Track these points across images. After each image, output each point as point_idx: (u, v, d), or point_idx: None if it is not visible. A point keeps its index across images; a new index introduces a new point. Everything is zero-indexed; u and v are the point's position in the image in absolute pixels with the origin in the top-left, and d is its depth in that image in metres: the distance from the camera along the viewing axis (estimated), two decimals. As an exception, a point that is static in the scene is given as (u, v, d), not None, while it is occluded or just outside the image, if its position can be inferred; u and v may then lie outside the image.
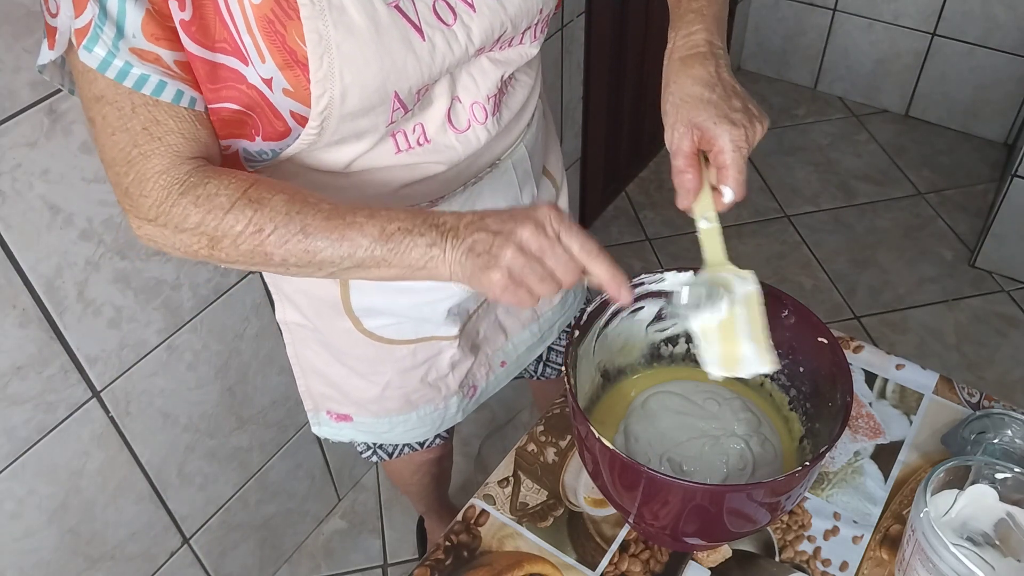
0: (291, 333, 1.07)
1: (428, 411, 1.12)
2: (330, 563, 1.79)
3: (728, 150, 0.75)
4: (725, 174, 0.76)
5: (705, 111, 0.76)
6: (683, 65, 0.79)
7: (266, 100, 0.72)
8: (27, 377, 1.09)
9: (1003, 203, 2.23)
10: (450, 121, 0.84)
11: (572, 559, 0.90)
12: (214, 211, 0.70)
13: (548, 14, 0.86)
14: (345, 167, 0.81)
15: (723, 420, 0.92)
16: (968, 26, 2.63)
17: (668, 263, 2.42)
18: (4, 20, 0.90)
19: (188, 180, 0.70)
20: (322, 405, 1.14)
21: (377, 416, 1.11)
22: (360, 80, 0.71)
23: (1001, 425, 0.95)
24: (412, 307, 0.98)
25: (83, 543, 1.28)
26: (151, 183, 0.70)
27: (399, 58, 0.72)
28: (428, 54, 0.75)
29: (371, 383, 1.06)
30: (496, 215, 0.69)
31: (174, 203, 0.70)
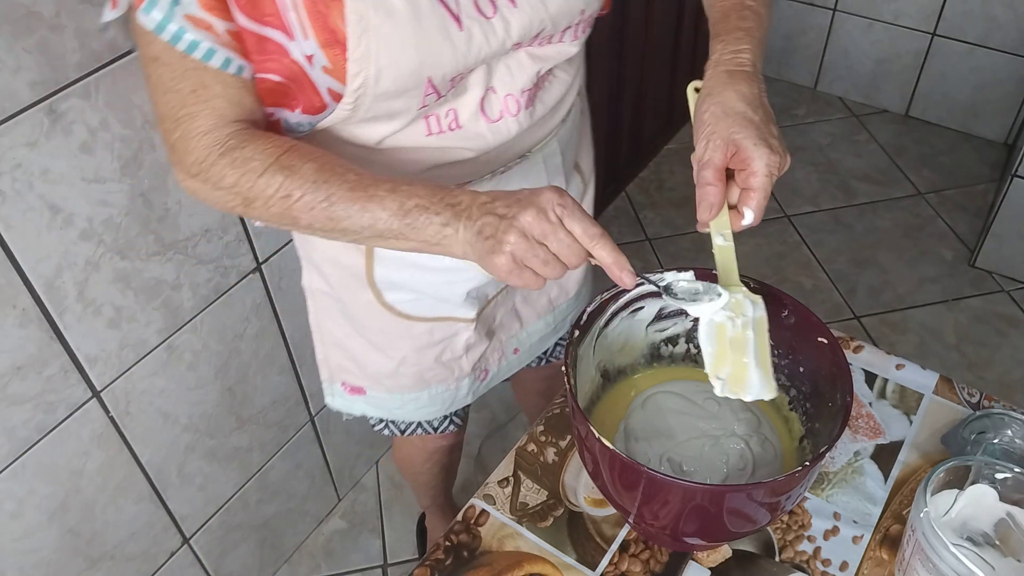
0: (315, 301, 1.09)
1: (440, 391, 1.14)
2: (330, 563, 1.79)
3: (762, 174, 0.75)
4: (750, 196, 0.76)
5: (746, 130, 0.75)
6: (730, 79, 0.79)
7: (306, 75, 0.75)
8: (27, 377, 1.09)
9: (1003, 203, 2.23)
10: (483, 110, 0.85)
11: (572, 559, 0.90)
12: (248, 174, 0.74)
13: (591, 15, 0.86)
14: (377, 143, 0.84)
15: (723, 420, 0.92)
16: (968, 26, 2.63)
17: (668, 263, 2.42)
18: (4, 20, 0.90)
19: (228, 142, 0.74)
20: (337, 376, 1.16)
21: (390, 391, 1.13)
22: (395, 63, 0.74)
23: (1001, 425, 0.95)
24: (432, 285, 0.99)
25: (83, 543, 1.28)
26: (195, 142, 0.75)
27: (435, 45, 0.75)
28: (464, 44, 0.76)
29: (387, 357, 1.08)
30: (505, 198, 0.70)
31: (213, 163, 0.74)
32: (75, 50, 0.98)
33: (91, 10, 0.98)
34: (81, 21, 0.97)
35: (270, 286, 1.42)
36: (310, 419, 1.67)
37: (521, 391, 1.60)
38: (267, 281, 1.41)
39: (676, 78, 2.68)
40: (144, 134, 1.10)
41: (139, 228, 1.15)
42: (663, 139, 2.81)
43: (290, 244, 1.42)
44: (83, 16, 0.97)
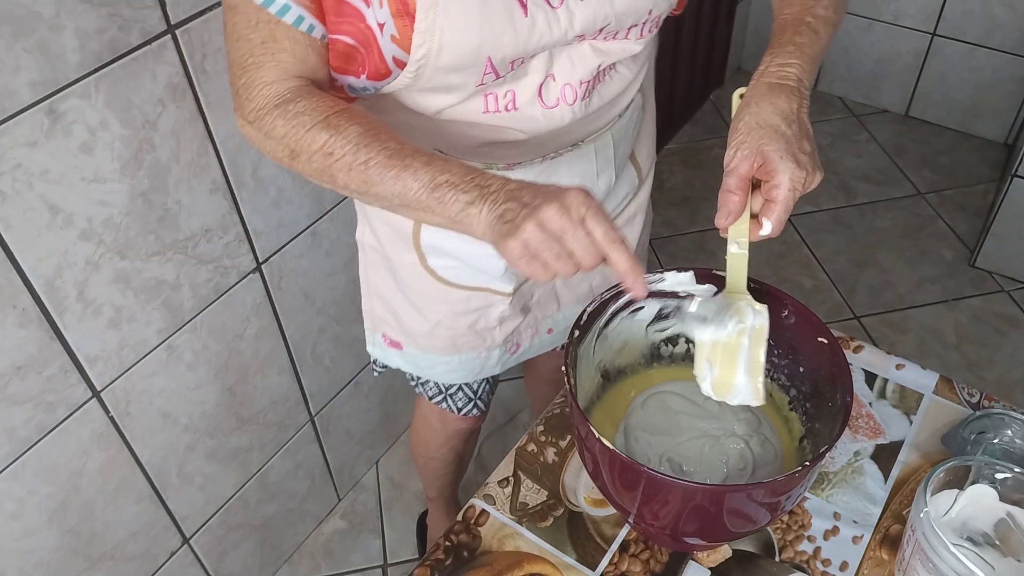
0: (365, 254, 1.14)
1: (470, 357, 1.17)
2: (330, 563, 1.79)
3: (784, 187, 0.76)
4: (772, 208, 0.77)
5: (776, 143, 0.76)
6: (769, 92, 0.80)
7: (375, 41, 0.78)
8: (27, 377, 1.09)
9: (1003, 203, 2.23)
10: (540, 95, 0.88)
11: (572, 559, 0.90)
12: (297, 128, 0.77)
13: (659, 16, 0.88)
14: (435, 113, 0.87)
15: (723, 420, 0.92)
16: (968, 26, 2.63)
17: (668, 263, 2.42)
18: (4, 20, 0.90)
19: (285, 95, 0.78)
20: (379, 327, 1.20)
21: (424, 350, 1.17)
22: (457, 40, 0.77)
23: (1001, 425, 0.95)
24: (474, 256, 1.02)
25: (83, 543, 1.28)
26: (256, 90, 0.78)
27: (497, 28, 0.77)
28: (527, 30, 0.79)
29: (424, 318, 1.11)
30: (533, 189, 0.71)
31: (268, 112, 0.78)
32: (75, 50, 0.98)
33: (91, 10, 0.98)
34: (81, 21, 0.97)
35: (270, 286, 1.42)
36: (310, 419, 1.67)
37: (532, 378, 1.62)
38: (267, 281, 1.41)
39: (676, 79, 2.68)
40: (144, 134, 1.10)
41: (139, 228, 1.15)
42: (663, 139, 2.81)
43: (290, 244, 1.42)
44: (83, 16, 0.97)
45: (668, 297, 0.92)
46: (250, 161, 1.28)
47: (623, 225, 1.15)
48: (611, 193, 1.07)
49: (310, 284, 1.51)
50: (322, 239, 1.49)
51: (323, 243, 1.50)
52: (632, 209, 1.15)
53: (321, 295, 1.55)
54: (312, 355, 1.59)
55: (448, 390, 1.30)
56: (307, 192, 1.41)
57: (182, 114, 1.14)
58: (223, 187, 1.25)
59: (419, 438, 1.50)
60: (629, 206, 1.14)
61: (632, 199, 1.14)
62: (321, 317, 1.57)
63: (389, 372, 1.84)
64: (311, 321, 1.55)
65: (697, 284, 0.90)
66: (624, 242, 0.70)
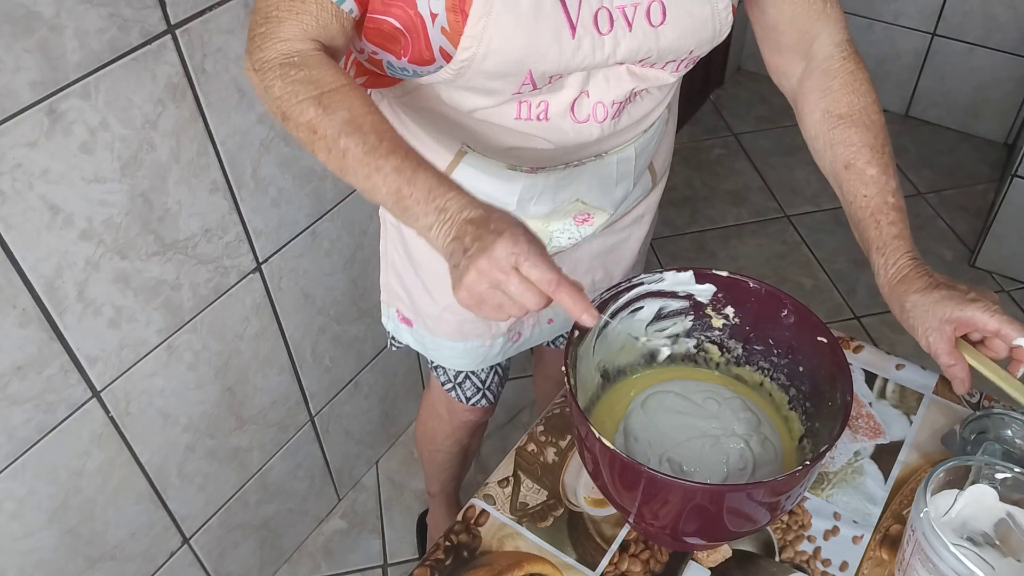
0: (385, 229, 1.17)
1: (475, 345, 1.18)
2: (330, 563, 1.79)
3: (988, 318, 0.81)
4: (1008, 334, 0.82)
5: (946, 307, 0.82)
6: (903, 284, 0.85)
7: (424, 29, 0.79)
8: (27, 377, 1.09)
9: (1003, 203, 2.23)
10: (572, 110, 0.89)
11: (572, 559, 0.90)
12: (291, 95, 0.78)
13: (698, 56, 0.90)
14: (468, 112, 0.90)
15: (723, 420, 0.92)
16: (968, 26, 2.63)
17: (668, 263, 2.41)
18: (4, 20, 0.90)
19: (293, 58, 0.79)
20: (393, 302, 1.22)
21: (431, 333, 1.18)
22: (503, 50, 0.78)
23: (1001, 425, 0.95)
24: None
25: (83, 543, 1.28)
26: (269, 42, 0.79)
27: (544, 45, 0.79)
28: (572, 51, 0.81)
29: (434, 300, 1.13)
30: (475, 230, 0.72)
31: (272, 68, 0.79)
32: (75, 50, 0.98)
33: (91, 10, 0.98)
34: (81, 21, 0.97)
35: (270, 286, 1.42)
36: (310, 419, 1.67)
37: (541, 377, 1.63)
38: (267, 281, 1.41)
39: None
40: (144, 134, 1.10)
41: (139, 228, 1.15)
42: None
43: (290, 244, 1.42)
44: (83, 16, 0.97)
45: (668, 297, 0.92)
46: (250, 161, 1.28)
47: (629, 224, 1.16)
48: (625, 198, 1.08)
49: (310, 284, 1.51)
50: (322, 239, 1.49)
51: (323, 243, 1.50)
52: (641, 210, 1.16)
53: (321, 295, 1.55)
54: (312, 355, 1.59)
55: (457, 378, 1.31)
56: (307, 192, 1.41)
57: (182, 114, 1.14)
58: (223, 187, 1.25)
59: (425, 428, 1.51)
60: (638, 207, 1.15)
61: (642, 200, 1.15)
62: (321, 317, 1.57)
63: (387, 374, 1.85)
64: (311, 321, 1.55)
65: (697, 284, 0.90)
66: (563, 281, 0.70)
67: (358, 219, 1.56)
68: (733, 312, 0.93)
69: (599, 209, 1.05)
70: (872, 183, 0.93)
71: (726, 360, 0.96)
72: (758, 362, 0.94)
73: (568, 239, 1.06)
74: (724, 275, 0.89)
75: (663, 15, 0.82)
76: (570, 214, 1.04)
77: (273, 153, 1.31)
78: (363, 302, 1.67)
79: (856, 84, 0.94)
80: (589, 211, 1.05)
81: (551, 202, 1.01)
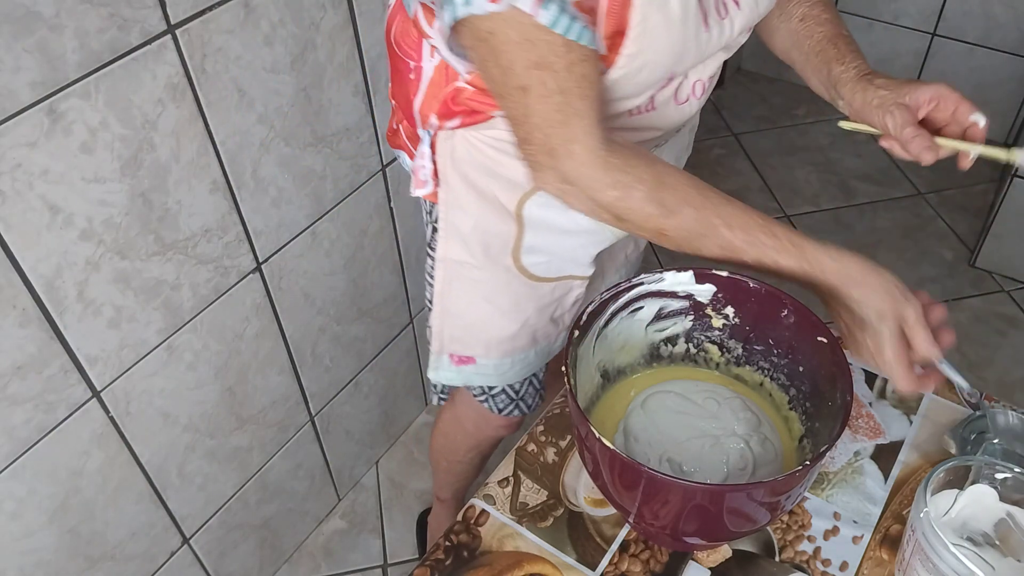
0: (446, 271, 1.10)
1: (544, 347, 1.18)
2: (330, 563, 1.79)
3: (949, 91, 0.86)
4: (964, 109, 0.88)
5: (911, 88, 0.88)
6: (867, 79, 0.91)
7: None
8: (27, 377, 1.09)
9: (1003, 203, 2.23)
10: (676, 93, 0.91)
11: (572, 559, 0.90)
12: (626, 197, 0.76)
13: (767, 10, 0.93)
14: None
15: (723, 419, 0.92)
16: (968, 26, 2.63)
17: (668, 263, 2.41)
18: (4, 20, 0.90)
19: (607, 152, 0.75)
20: (447, 348, 1.18)
21: (502, 355, 1.16)
22: (656, 60, 0.79)
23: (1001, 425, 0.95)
24: (568, 248, 1.04)
25: (83, 543, 1.28)
26: (579, 145, 0.74)
27: (689, 46, 0.80)
28: (705, 43, 0.82)
29: (511, 320, 1.11)
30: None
31: (596, 170, 0.75)
32: (75, 50, 0.98)
33: (91, 10, 0.98)
34: (81, 21, 0.97)
35: (270, 286, 1.42)
36: (310, 419, 1.67)
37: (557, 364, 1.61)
38: (267, 281, 1.41)
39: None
40: (144, 134, 1.10)
41: (139, 228, 1.15)
42: (663, 139, 2.81)
43: (290, 244, 1.42)
44: (83, 16, 0.97)
45: (668, 297, 0.92)
46: (250, 161, 1.28)
47: None
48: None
49: (310, 284, 1.51)
50: (322, 239, 1.49)
51: (323, 243, 1.50)
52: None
53: (321, 295, 1.55)
54: (312, 355, 1.59)
55: (492, 389, 1.28)
56: (307, 192, 1.41)
57: (182, 114, 1.14)
58: (223, 187, 1.25)
59: (446, 440, 1.49)
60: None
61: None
62: (321, 317, 1.57)
63: (387, 374, 1.85)
64: (311, 321, 1.55)
65: (697, 284, 0.90)
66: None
67: (358, 219, 1.56)
68: (733, 312, 0.93)
69: None
70: (827, 24, 0.97)
71: (726, 360, 0.96)
72: (758, 362, 0.94)
73: None
74: (724, 275, 0.89)
75: None
76: None
77: (273, 153, 1.31)
78: (363, 302, 1.67)
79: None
80: None
81: None
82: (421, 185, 1.04)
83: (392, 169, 1.58)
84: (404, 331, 1.84)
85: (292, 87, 1.29)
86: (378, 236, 1.63)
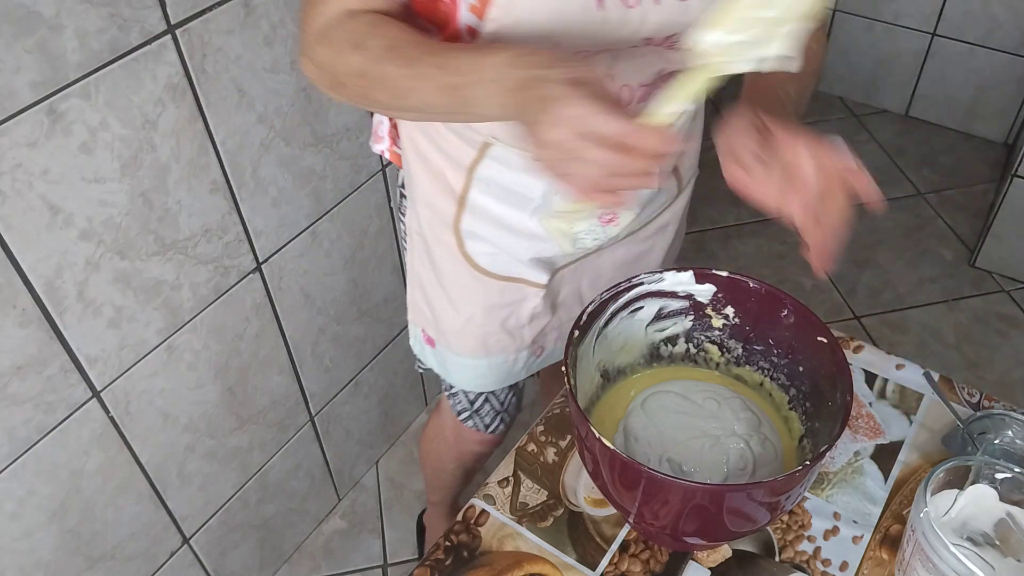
0: (411, 241, 1.13)
1: (499, 361, 1.15)
2: (330, 563, 1.79)
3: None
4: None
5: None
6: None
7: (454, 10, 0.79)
8: (27, 377, 1.09)
9: (1003, 203, 2.23)
10: None
11: (572, 559, 0.90)
12: (334, 56, 0.77)
13: None
14: None
15: (723, 419, 0.92)
16: (968, 26, 2.63)
17: (668, 263, 2.41)
18: (4, 20, 0.90)
19: (330, 24, 0.78)
20: (418, 321, 1.19)
21: (454, 352, 1.15)
22: (528, 22, 0.77)
23: (1001, 425, 0.95)
24: (509, 245, 1.03)
25: (83, 543, 1.28)
26: (307, 23, 0.79)
27: (569, 17, 0.77)
28: (598, 24, 0.78)
29: (457, 312, 1.10)
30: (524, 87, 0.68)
31: (314, 44, 0.79)
32: (75, 50, 0.98)
33: (91, 10, 0.98)
34: (81, 21, 0.97)
35: (270, 286, 1.42)
36: (310, 419, 1.67)
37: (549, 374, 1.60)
38: (267, 281, 1.41)
39: (676, 78, 2.67)
40: (144, 134, 1.10)
41: (139, 228, 1.15)
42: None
43: (290, 244, 1.42)
44: (83, 16, 0.97)
45: (668, 297, 0.92)
46: (250, 161, 1.28)
47: (653, 234, 1.13)
48: (650, 201, 1.07)
49: (310, 284, 1.51)
50: (322, 239, 1.49)
51: (323, 243, 1.50)
52: (665, 218, 1.13)
53: (321, 295, 1.55)
54: (312, 355, 1.59)
55: (475, 404, 1.27)
56: (307, 192, 1.41)
57: (182, 114, 1.14)
58: (223, 187, 1.25)
59: (431, 448, 1.49)
60: (663, 215, 1.12)
61: (667, 208, 1.12)
62: (321, 317, 1.57)
63: (387, 374, 1.85)
64: (311, 321, 1.55)
65: (697, 284, 0.90)
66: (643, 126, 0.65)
67: (358, 219, 1.56)
68: (733, 312, 0.93)
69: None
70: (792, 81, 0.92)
71: (726, 360, 0.96)
72: (758, 362, 0.94)
73: (593, 240, 1.03)
74: (724, 275, 0.89)
75: None
76: (596, 212, 1.02)
77: (273, 153, 1.31)
78: (363, 302, 1.67)
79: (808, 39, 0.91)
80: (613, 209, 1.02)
81: None
82: (379, 140, 1.07)
83: (392, 169, 1.58)
84: (404, 331, 1.84)
85: (292, 87, 1.29)
86: (378, 236, 1.63)
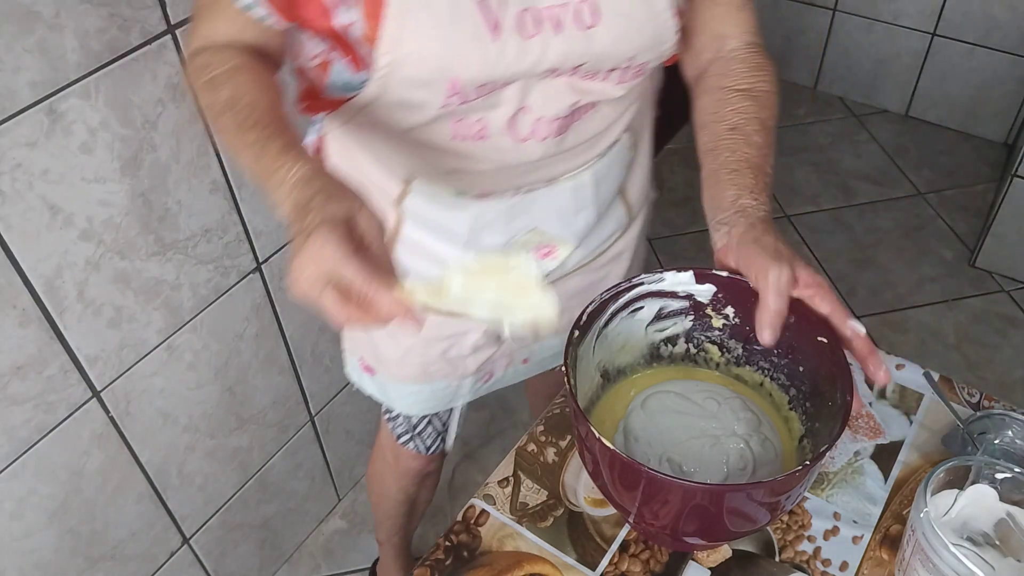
0: None
1: (441, 387, 1.14)
2: (330, 563, 1.79)
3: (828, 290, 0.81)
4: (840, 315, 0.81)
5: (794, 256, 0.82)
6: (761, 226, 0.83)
7: (347, 40, 0.78)
8: (27, 377, 1.09)
9: (1003, 203, 2.23)
10: (511, 127, 0.85)
11: (572, 559, 0.90)
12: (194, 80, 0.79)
13: (644, 65, 0.86)
14: (405, 131, 0.85)
15: (723, 420, 0.92)
16: (968, 26, 2.63)
17: (668, 263, 2.42)
18: (4, 20, 0.90)
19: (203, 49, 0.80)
20: (355, 350, 1.17)
21: (395, 380, 1.14)
22: (419, 52, 0.75)
23: (1001, 425, 0.95)
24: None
25: (83, 543, 1.28)
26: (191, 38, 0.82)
27: (463, 48, 0.75)
28: (495, 55, 0.76)
29: (396, 343, 1.09)
30: (299, 212, 0.71)
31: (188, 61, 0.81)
32: (75, 50, 0.98)
33: (91, 10, 0.98)
34: (81, 21, 0.97)
35: (270, 286, 1.42)
36: (310, 419, 1.67)
37: (532, 392, 1.61)
38: (267, 281, 1.41)
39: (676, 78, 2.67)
40: (144, 134, 1.10)
41: (139, 228, 1.15)
42: (663, 139, 2.81)
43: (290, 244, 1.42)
44: (83, 16, 0.97)
45: (668, 297, 0.92)
46: (250, 161, 1.28)
47: (607, 263, 1.11)
48: (594, 231, 1.04)
49: (310, 284, 1.51)
50: (322, 239, 1.49)
51: (323, 243, 1.50)
52: (619, 247, 1.11)
53: (321, 295, 1.54)
54: (312, 355, 1.59)
55: (417, 428, 1.25)
56: (307, 192, 1.41)
57: (182, 114, 1.14)
58: (223, 187, 1.25)
59: (374, 469, 1.45)
60: (616, 244, 1.10)
61: (619, 238, 1.10)
62: (321, 317, 1.57)
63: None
64: (311, 321, 1.55)
65: (697, 284, 0.90)
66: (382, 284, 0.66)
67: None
68: (733, 312, 0.93)
69: (560, 240, 1.00)
70: (756, 148, 0.85)
71: (726, 360, 0.96)
72: (758, 362, 0.94)
73: None
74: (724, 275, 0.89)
75: (595, 16, 0.78)
76: (530, 246, 0.99)
77: (273, 153, 1.31)
78: (363, 302, 1.66)
79: (761, 73, 0.90)
80: (550, 243, 1.00)
81: (504, 232, 0.97)
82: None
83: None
84: (404, 331, 1.84)
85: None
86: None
